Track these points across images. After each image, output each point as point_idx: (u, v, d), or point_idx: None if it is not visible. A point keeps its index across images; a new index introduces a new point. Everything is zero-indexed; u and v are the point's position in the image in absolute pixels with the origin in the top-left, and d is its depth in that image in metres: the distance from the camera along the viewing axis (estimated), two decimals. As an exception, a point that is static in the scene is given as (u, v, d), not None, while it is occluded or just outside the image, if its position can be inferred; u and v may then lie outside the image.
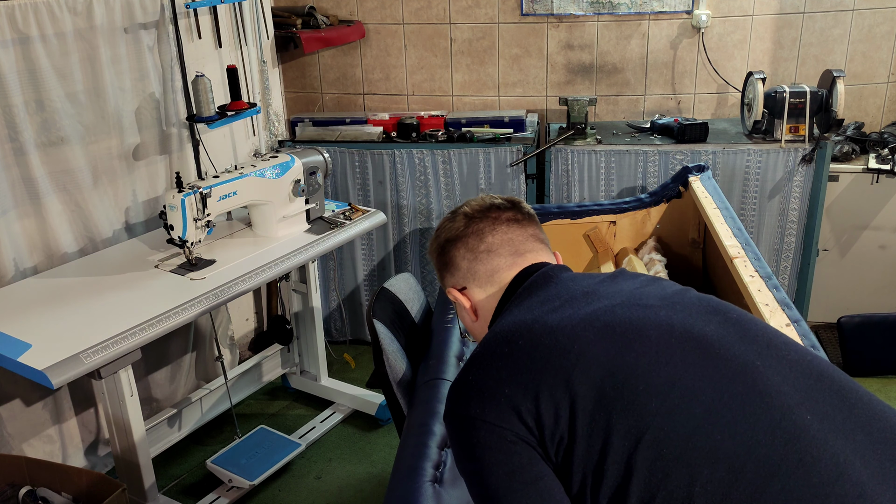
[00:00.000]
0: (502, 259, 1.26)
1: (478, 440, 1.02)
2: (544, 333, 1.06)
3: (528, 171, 3.18)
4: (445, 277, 1.33)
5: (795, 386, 1.00)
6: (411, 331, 1.90)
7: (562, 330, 1.06)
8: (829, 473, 0.92)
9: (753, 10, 3.32)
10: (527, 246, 1.28)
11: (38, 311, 2.14)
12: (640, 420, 0.96)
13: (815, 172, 3.06)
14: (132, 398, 2.22)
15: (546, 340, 1.05)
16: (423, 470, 1.33)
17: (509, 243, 1.27)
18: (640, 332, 1.04)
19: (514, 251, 1.26)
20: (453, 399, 1.07)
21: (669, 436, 0.95)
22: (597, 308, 1.09)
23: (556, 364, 1.02)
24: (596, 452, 0.97)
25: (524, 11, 3.38)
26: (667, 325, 1.06)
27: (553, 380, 1.01)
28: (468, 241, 1.28)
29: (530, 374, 1.02)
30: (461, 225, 1.30)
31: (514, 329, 1.09)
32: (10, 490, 2.17)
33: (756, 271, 1.94)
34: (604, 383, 0.99)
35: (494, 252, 1.26)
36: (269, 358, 3.15)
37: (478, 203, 1.33)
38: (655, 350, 1.02)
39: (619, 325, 1.06)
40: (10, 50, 2.25)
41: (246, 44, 3.15)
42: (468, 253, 1.28)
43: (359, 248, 3.41)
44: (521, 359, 1.04)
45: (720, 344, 1.04)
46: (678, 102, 3.48)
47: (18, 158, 2.34)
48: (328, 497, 2.65)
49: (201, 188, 2.32)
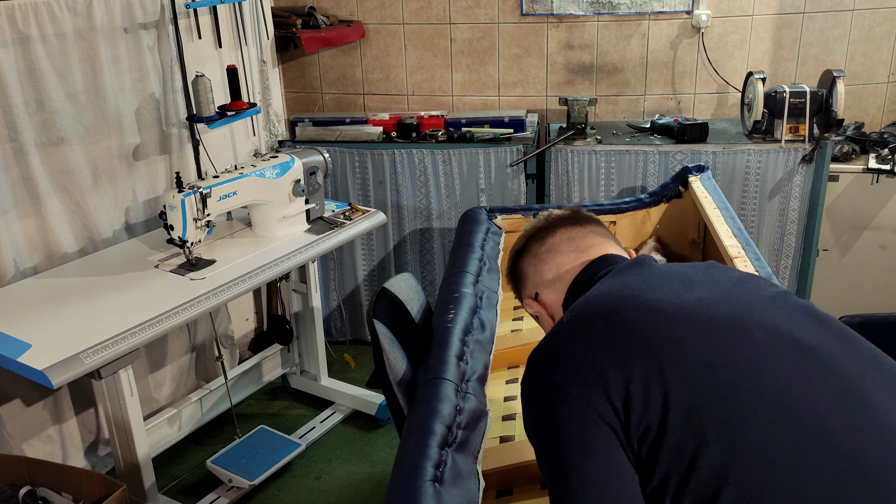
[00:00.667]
0: (565, 255, 1.24)
1: (558, 413, 0.95)
2: (643, 311, 1.00)
3: (528, 171, 3.18)
4: (520, 292, 1.33)
5: (865, 369, 0.98)
6: (411, 331, 1.90)
7: (661, 312, 1.00)
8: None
9: (753, 10, 3.32)
10: (588, 241, 1.26)
11: (38, 311, 2.14)
12: (743, 423, 0.90)
13: (815, 172, 3.07)
14: (132, 398, 2.22)
15: (644, 320, 0.99)
16: (423, 470, 1.33)
17: (570, 240, 1.26)
18: (747, 331, 0.98)
19: (576, 247, 1.25)
20: (538, 364, 1.02)
21: (779, 443, 0.88)
22: (699, 297, 1.03)
23: (652, 348, 0.96)
24: (689, 451, 0.89)
25: (524, 11, 3.38)
26: (773, 328, 0.99)
27: (648, 364, 0.94)
28: (531, 248, 1.29)
29: (624, 352, 0.96)
30: (522, 240, 1.33)
31: (609, 301, 1.04)
32: (10, 490, 2.17)
33: (756, 271, 1.93)
34: (704, 378, 0.93)
35: (556, 250, 1.25)
36: (269, 358, 3.15)
37: (538, 219, 1.35)
38: (762, 352, 0.96)
39: (722, 320, 0.99)
40: (10, 50, 2.25)
41: (246, 44, 3.15)
42: (532, 259, 1.28)
43: (359, 248, 3.41)
44: (615, 334, 0.98)
45: (829, 356, 0.98)
46: (678, 102, 3.48)
47: (18, 158, 2.34)
48: (328, 497, 2.65)
49: (201, 188, 2.32)
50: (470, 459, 1.47)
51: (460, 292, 2.04)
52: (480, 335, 1.90)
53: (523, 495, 1.70)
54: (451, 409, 1.52)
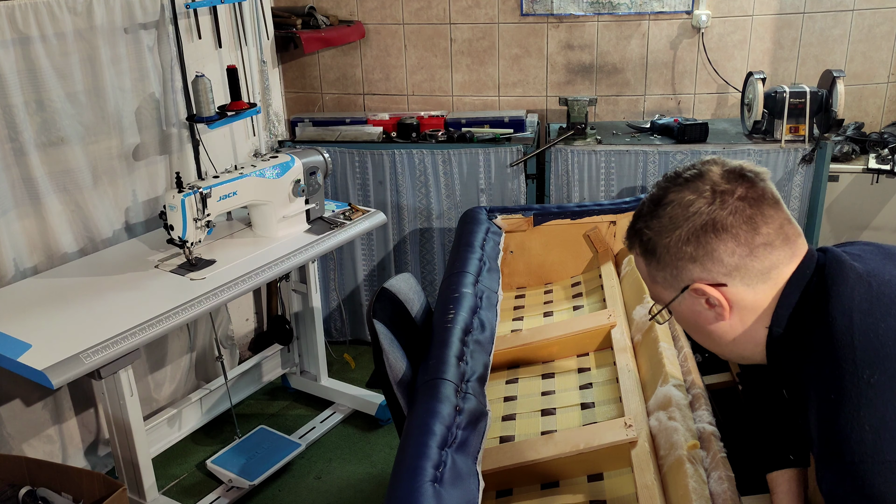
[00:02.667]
0: (779, 252, 1.05)
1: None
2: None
3: (528, 172, 3.18)
4: (690, 269, 1.08)
5: None
6: (411, 331, 1.90)
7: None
8: None
9: (753, 10, 3.32)
10: (792, 229, 1.07)
11: (38, 311, 2.14)
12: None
13: (815, 172, 3.07)
14: (132, 398, 2.22)
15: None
16: (423, 470, 1.33)
17: (780, 230, 1.06)
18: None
19: (785, 239, 1.06)
20: (892, 445, 0.92)
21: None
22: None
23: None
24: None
25: (524, 11, 3.38)
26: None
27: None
28: (738, 233, 1.04)
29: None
30: (717, 206, 1.05)
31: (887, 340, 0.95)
32: (10, 490, 2.17)
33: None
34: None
35: (771, 245, 1.05)
36: (269, 358, 3.15)
37: (721, 172, 1.08)
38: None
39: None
40: (10, 50, 2.25)
41: (246, 44, 3.15)
42: (739, 248, 1.05)
43: (359, 248, 3.42)
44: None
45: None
46: (678, 102, 3.48)
47: (18, 158, 2.34)
48: (328, 497, 2.65)
49: (201, 188, 2.32)
50: (469, 460, 1.47)
51: (460, 292, 2.04)
52: (480, 335, 1.90)
53: (523, 495, 1.70)
54: (450, 410, 1.52)
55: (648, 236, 1.11)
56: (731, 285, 1.07)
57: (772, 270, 1.06)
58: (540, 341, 2.19)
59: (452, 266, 2.25)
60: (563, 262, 2.74)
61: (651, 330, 1.99)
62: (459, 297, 2.00)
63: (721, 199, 1.05)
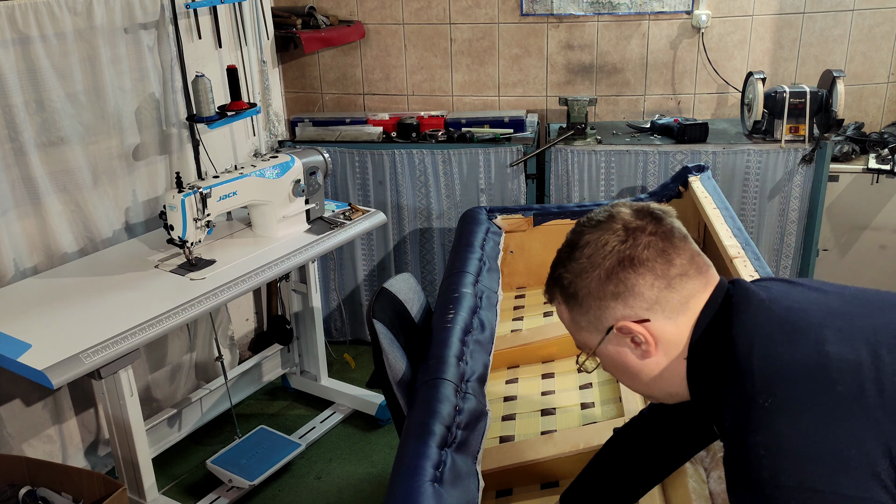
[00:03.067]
0: (694, 282, 1.08)
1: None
2: (848, 370, 0.93)
3: (528, 172, 3.18)
4: (612, 307, 1.09)
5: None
6: (411, 331, 1.90)
7: (860, 364, 0.94)
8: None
9: (753, 10, 3.32)
10: (702, 260, 1.11)
11: (38, 311, 2.14)
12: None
13: (815, 172, 3.07)
14: (132, 398, 2.22)
15: (854, 378, 0.93)
16: (423, 470, 1.33)
17: (692, 261, 1.09)
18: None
19: (698, 269, 1.09)
20: (785, 469, 0.90)
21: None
22: (871, 338, 0.98)
23: (881, 407, 0.91)
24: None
25: (524, 11, 3.38)
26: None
27: (892, 427, 0.89)
28: (654, 266, 1.06)
29: (866, 421, 0.89)
30: (631, 243, 1.07)
31: (813, 366, 0.95)
32: (10, 490, 2.17)
33: (756, 271, 1.94)
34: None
35: (686, 275, 1.07)
36: (269, 358, 3.15)
37: (630, 212, 1.11)
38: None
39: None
40: (10, 50, 2.25)
41: (246, 44, 3.15)
42: (657, 280, 1.06)
43: (359, 248, 3.42)
44: (847, 404, 0.91)
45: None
46: (678, 102, 3.48)
47: (18, 158, 2.34)
48: (328, 497, 2.65)
49: (201, 188, 2.32)
50: (469, 460, 1.47)
51: (460, 292, 2.04)
52: (480, 335, 1.90)
53: (523, 495, 1.70)
54: (450, 410, 1.52)
55: (569, 280, 1.11)
56: (653, 320, 1.08)
57: (689, 301, 1.08)
58: (540, 341, 2.19)
59: (452, 266, 2.25)
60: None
61: (651, 330, 1.98)
62: (459, 297, 2.01)
63: (634, 236, 1.08)
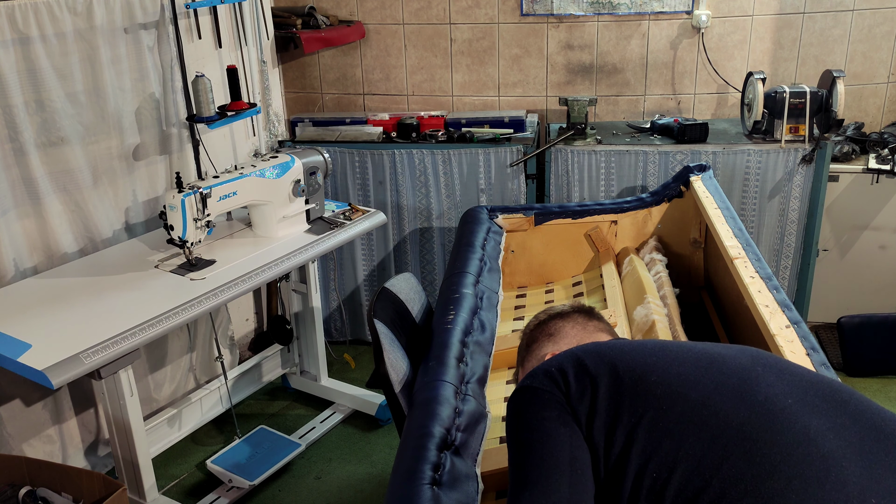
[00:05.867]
0: (573, 338, 1.48)
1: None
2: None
3: (528, 172, 3.18)
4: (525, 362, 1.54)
5: (781, 379, 1.15)
6: (412, 331, 1.90)
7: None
8: (795, 437, 1.03)
9: (753, 10, 3.32)
10: (592, 333, 1.50)
11: (38, 311, 2.14)
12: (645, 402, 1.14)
13: (815, 172, 3.06)
14: (132, 398, 2.22)
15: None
16: (421, 473, 1.33)
17: (581, 331, 1.50)
18: (663, 348, 1.25)
19: (579, 340, 1.48)
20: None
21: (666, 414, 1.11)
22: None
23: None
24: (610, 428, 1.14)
25: (524, 12, 3.38)
26: (689, 348, 1.26)
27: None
28: (541, 329, 1.54)
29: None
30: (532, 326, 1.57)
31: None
32: (10, 490, 2.17)
33: (756, 272, 1.93)
34: (623, 375, 1.17)
35: (564, 334, 1.50)
36: (269, 358, 3.15)
37: (550, 309, 1.59)
38: (670, 358, 1.21)
39: (649, 345, 1.26)
40: (10, 50, 2.25)
41: (246, 44, 3.14)
42: (546, 340, 1.51)
43: (359, 248, 3.41)
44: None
45: (718, 353, 1.23)
46: (678, 102, 3.48)
47: (18, 158, 2.34)
48: (328, 497, 2.65)
49: (201, 188, 2.32)
50: (469, 462, 1.47)
51: (460, 293, 2.04)
52: (480, 336, 1.90)
53: (523, 496, 1.69)
54: (450, 412, 1.52)
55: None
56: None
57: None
58: (540, 341, 2.18)
59: (453, 266, 2.25)
60: (564, 261, 2.74)
61: (651, 330, 1.99)
62: (460, 298, 2.00)
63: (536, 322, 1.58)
